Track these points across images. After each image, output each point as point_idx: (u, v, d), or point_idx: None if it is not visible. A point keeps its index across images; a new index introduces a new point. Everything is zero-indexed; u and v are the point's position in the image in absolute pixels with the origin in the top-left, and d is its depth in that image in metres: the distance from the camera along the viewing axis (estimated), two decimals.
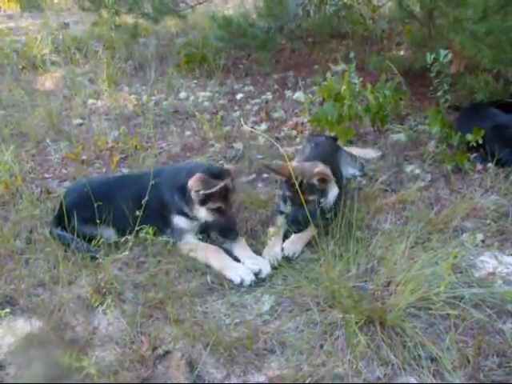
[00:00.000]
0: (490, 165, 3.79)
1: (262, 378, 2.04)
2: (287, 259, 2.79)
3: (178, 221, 2.92)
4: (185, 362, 2.05)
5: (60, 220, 2.98)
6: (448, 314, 2.29)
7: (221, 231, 2.88)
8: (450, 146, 4.04)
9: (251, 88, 5.99)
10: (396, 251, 2.62)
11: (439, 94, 4.43)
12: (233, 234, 2.86)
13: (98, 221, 2.78)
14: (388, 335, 2.18)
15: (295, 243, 2.87)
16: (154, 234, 2.71)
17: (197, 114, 4.68)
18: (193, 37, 7.62)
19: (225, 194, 2.83)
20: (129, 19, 7.49)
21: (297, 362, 2.11)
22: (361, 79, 4.17)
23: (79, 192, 3.01)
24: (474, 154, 4.01)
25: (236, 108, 5.37)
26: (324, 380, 2.01)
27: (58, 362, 1.85)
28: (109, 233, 2.92)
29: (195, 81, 6.30)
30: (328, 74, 4.31)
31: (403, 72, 5.02)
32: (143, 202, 2.65)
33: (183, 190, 2.86)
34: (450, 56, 4.31)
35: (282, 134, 4.65)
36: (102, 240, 2.75)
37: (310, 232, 2.88)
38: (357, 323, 2.14)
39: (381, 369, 2.06)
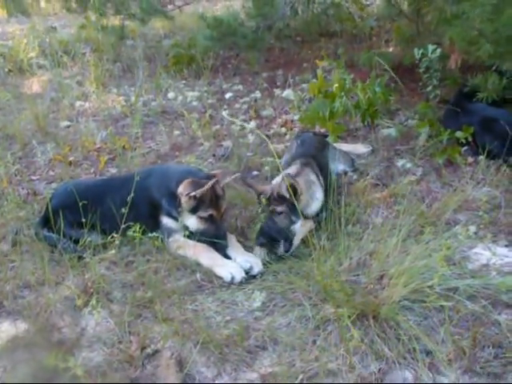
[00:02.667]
0: (481, 157, 3.77)
1: (253, 376, 1.99)
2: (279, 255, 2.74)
3: (167, 221, 2.87)
4: (174, 361, 2.00)
5: (46, 221, 2.92)
6: (442, 306, 2.25)
7: (210, 240, 2.75)
8: (439, 142, 4.04)
9: (240, 87, 5.97)
10: (388, 244, 2.59)
11: (429, 89, 4.44)
12: (223, 243, 2.76)
13: (84, 224, 2.73)
14: (382, 329, 2.13)
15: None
16: (143, 233, 2.65)
17: (185, 113, 4.62)
18: (180, 38, 7.61)
19: (216, 201, 2.78)
20: (116, 21, 7.46)
21: (289, 358, 2.06)
22: (351, 76, 4.14)
23: (66, 194, 2.95)
24: (465, 148, 4.01)
25: (225, 107, 5.34)
26: (317, 376, 1.96)
27: (45, 365, 1.79)
28: (95, 236, 2.84)
29: (183, 81, 6.27)
30: (319, 71, 4.28)
31: (392, 68, 5.00)
32: (129, 198, 2.58)
33: (172, 196, 2.81)
34: (438, 51, 4.32)
35: (272, 131, 4.61)
36: (88, 240, 2.68)
37: (306, 228, 2.85)
38: (349, 317, 2.10)
39: (375, 363, 2.01)
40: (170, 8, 7.26)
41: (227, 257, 2.72)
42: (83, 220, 2.73)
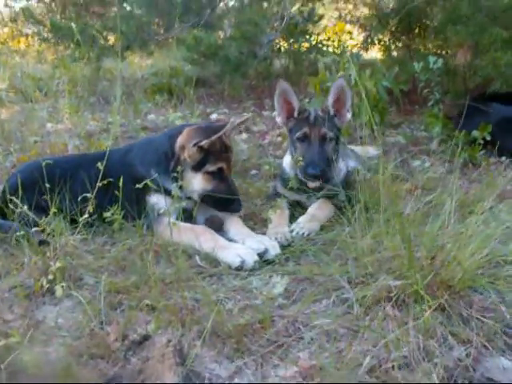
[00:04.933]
0: (503, 158, 3.46)
1: (291, 371, 1.37)
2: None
3: (156, 200, 2.28)
4: (173, 350, 1.36)
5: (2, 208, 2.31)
6: None
7: (222, 202, 2.25)
8: (455, 144, 3.66)
9: (226, 110, 5.57)
10: (433, 225, 2.06)
11: (430, 103, 4.17)
12: (237, 203, 2.28)
13: (48, 206, 2.11)
14: (458, 307, 1.56)
15: (312, 220, 2.26)
16: (123, 218, 2.07)
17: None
18: (161, 71, 7.27)
19: (225, 152, 2.30)
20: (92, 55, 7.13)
21: (335, 348, 1.45)
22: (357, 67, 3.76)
23: (26, 173, 2.37)
24: (482, 151, 3.65)
25: None
26: (382, 368, 1.35)
27: None
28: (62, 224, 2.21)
29: (164, 108, 5.83)
30: (320, 65, 3.89)
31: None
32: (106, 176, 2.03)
33: (165, 159, 2.27)
34: (440, 62, 4.09)
35: (266, 141, 4.15)
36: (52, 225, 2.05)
37: (328, 210, 2.32)
38: (420, 284, 1.52)
39: (459, 348, 1.42)
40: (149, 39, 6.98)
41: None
42: (46, 204, 2.11)
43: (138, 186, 2.04)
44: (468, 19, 3.73)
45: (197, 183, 2.28)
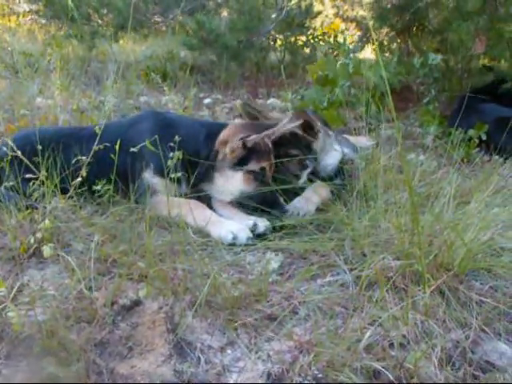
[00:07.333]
0: (497, 157, 3.45)
1: (286, 345, 1.32)
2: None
3: (155, 180, 2.17)
4: (164, 317, 1.30)
5: None
6: None
7: (261, 204, 2.06)
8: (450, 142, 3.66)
9: (219, 96, 5.50)
10: (430, 212, 2.03)
11: (426, 100, 4.19)
12: (278, 207, 2.08)
13: (41, 179, 2.02)
14: (456, 291, 1.53)
15: (307, 202, 2.21)
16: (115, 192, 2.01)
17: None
18: (155, 54, 7.18)
19: (269, 153, 2.13)
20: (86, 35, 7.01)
21: (331, 325, 1.41)
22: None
23: (19, 142, 2.26)
24: (476, 150, 3.65)
25: (204, 109, 4.81)
26: (378, 347, 1.31)
27: None
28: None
29: (156, 91, 5.74)
30: (320, 53, 3.85)
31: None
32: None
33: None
34: (439, 58, 4.10)
35: None
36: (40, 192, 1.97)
37: (324, 193, 2.28)
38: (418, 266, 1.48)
39: (457, 331, 1.38)
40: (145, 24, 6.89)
41: None
42: (37, 175, 2.01)
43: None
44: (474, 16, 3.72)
45: (235, 183, 2.12)
